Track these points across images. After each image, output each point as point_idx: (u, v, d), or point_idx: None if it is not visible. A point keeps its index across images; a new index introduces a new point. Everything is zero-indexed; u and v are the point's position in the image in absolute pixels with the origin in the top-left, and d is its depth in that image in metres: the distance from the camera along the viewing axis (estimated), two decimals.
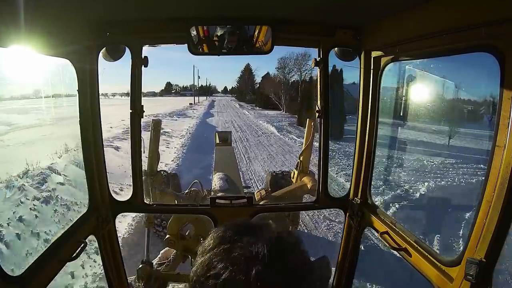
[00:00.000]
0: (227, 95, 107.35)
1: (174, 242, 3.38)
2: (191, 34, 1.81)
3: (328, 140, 2.11)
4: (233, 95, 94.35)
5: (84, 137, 1.86)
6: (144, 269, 3.25)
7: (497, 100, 1.10)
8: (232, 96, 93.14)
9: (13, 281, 1.26)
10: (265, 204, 3.59)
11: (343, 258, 2.22)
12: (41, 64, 2.01)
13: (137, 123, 2.01)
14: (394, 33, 1.59)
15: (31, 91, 20.45)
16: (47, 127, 12.70)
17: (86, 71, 1.79)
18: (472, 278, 1.15)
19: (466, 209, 6.28)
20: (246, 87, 72.11)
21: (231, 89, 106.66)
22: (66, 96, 7.60)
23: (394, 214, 6.26)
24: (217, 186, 3.94)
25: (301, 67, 42.30)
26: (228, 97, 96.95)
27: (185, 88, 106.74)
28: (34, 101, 21.61)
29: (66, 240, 1.65)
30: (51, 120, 13.43)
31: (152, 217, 3.89)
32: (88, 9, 1.54)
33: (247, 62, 76.63)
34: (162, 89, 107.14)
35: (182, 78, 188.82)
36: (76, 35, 1.66)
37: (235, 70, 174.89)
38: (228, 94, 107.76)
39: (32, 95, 22.00)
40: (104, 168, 1.99)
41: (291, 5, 1.59)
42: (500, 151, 1.08)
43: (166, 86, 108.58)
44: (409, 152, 10.83)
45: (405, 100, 6.53)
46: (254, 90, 66.95)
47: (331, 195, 2.19)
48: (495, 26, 1.06)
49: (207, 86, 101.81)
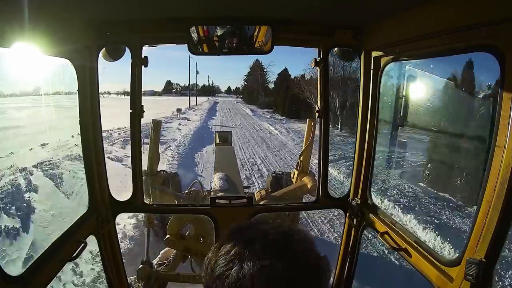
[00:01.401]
0: (230, 95, 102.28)
1: (174, 242, 3.38)
2: (191, 34, 1.81)
3: (328, 140, 2.11)
4: (238, 96, 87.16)
5: (84, 137, 1.86)
6: (144, 269, 3.25)
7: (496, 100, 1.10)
8: (237, 97, 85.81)
9: (13, 281, 1.26)
10: (265, 204, 3.59)
11: (343, 258, 2.22)
12: (41, 64, 2.01)
13: (137, 123, 2.01)
14: (394, 33, 1.59)
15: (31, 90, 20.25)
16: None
17: (86, 71, 1.79)
18: (472, 278, 1.15)
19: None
20: (259, 86, 59.72)
21: (235, 89, 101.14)
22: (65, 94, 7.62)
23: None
24: (217, 186, 3.94)
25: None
26: (232, 98, 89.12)
27: (186, 88, 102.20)
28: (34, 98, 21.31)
29: (66, 240, 1.65)
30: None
31: (152, 217, 3.90)
32: (88, 9, 1.54)
33: (251, 59, 65.92)
34: (163, 88, 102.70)
35: (184, 77, 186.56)
36: (76, 35, 1.66)
37: (237, 69, 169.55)
38: (232, 95, 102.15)
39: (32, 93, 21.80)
40: (104, 168, 1.99)
41: (291, 5, 1.59)
42: (500, 151, 1.08)
43: (166, 85, 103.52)
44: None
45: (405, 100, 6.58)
46: (268, 91, 57.34)
47: (331, 195, 2.19)
48: (495, 26, 1.06)
49: (209, 86, 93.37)
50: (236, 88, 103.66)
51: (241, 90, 79.98)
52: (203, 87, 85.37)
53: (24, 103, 16.44)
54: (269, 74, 63.39)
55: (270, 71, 65.71)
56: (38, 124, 11.57)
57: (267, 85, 59.93)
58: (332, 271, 2.30)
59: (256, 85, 60.96)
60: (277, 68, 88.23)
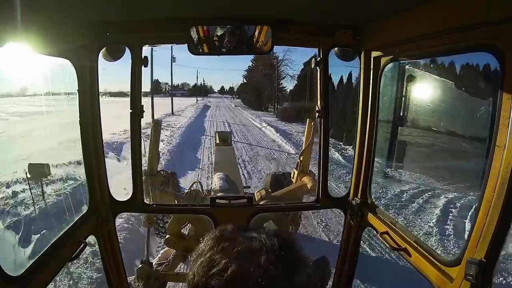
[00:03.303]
0: (225, 96, 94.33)
1: (174, 242, 3.38)
2: (191, 34, 1.81)
3: (328, 140, 2.11)
4: (234, 97, 76.85)
5: (84, 137, 1.86)
6: (144, 269, 3.25)
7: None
8: (233, 98, 75.56)
9: (13, 281, 1.26)
10: (265, 204, 3.58)
11: (343, 258, 2.22)
12: (41, 63, 2.01)
13: (137, 123, 2.01)
14: (394, 33, 1.59)
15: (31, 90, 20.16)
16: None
17: (86, 71, 1.79)
18: (472, 278, 1.15)
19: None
20: (276, 82, 37.04)
21: (229, 89, 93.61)
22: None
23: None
24: (217, 186, 3.94)
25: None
26: (227, 99, 77.83)
27: (176, 87, 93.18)
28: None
29: (66, 240, 1.65)
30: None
31: (152, 217, 3.90)
32: (88, 9, 1.54)
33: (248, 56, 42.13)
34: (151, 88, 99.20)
35: (175, 76, 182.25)
36: (76, 35, 1.66)
37: (232, 68, 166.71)
38: (227, 95, 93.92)
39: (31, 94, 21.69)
40: (104, 168, 1.99)
41: (291, 5, 1.59)
42: (500, 151, 1.08)
43: (154, 85, 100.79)
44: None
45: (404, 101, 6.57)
46: (284, 91, 38.62)
47: (331, 195, 2.19)
48: (495, 26, 1.06)
49: (201, 85, 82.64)
50: (230, 88, 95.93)
51: (239, 90, 62.42)
52: (194, 86, 76.93)
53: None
54: (288, 65, 41.23)
55: (289, 60, 40.23)
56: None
57: (280, 84, 38.39)
58: (332, 271, 2.30)
59: (265, 81, 40.03)
60: (300, 55, 50.14)
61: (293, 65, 45.92)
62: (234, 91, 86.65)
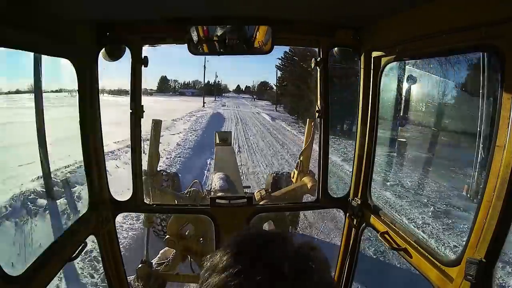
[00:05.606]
0: (242, 95, 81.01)
1: (174, 242, 3.38)
2: (191, 34, 1.81)
3: (328, 140, 2.11)
4: (254, 97, 64.14)
5: (84, 137, 1.86)
6: (144, 269, 3.25)
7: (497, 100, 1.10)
8: (253, 99, 63.96)
9: (13, 281, 1.25)
10: (265, 204, 3.58)
11: (343, 258, 2.22)
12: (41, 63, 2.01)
13: (137, 123, 2.01)
14: (394, 33, 1.59)
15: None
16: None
17: (86, 70, 1.79)
18: (472, 278, 1.15)
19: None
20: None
21: (246, 88, 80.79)
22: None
23: None
24: (217, 186, 3.94)
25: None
26: (246, 100, 64.59)
27: (186, 85, 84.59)
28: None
29: (66, 240, 1.65)
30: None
31: (152, 217, 3.90)
32: (88, 9, 1.54)
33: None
34: (157, 87, 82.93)
35: (186, 74, 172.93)
36: (76, 35, 1.66)
37: (247, 67, 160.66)
38: (244, 95, 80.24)
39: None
40: (104, 168, 1.99)
41: (291, 5, 1.59)
42: (500, 151, 1.08)
43: (160, 82, 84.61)
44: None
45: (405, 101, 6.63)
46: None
47: (331, 195, 2.19)
48: (495, 26, 1.06)
49: (214, 84, 71.72)
50: (246, 87, 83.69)
51: (277, 90, 45.16)
52: (207, 84, 64.28)
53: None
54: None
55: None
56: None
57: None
58: (332, 271, 2.30)
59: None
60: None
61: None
62: (254, 91, 75.29)
